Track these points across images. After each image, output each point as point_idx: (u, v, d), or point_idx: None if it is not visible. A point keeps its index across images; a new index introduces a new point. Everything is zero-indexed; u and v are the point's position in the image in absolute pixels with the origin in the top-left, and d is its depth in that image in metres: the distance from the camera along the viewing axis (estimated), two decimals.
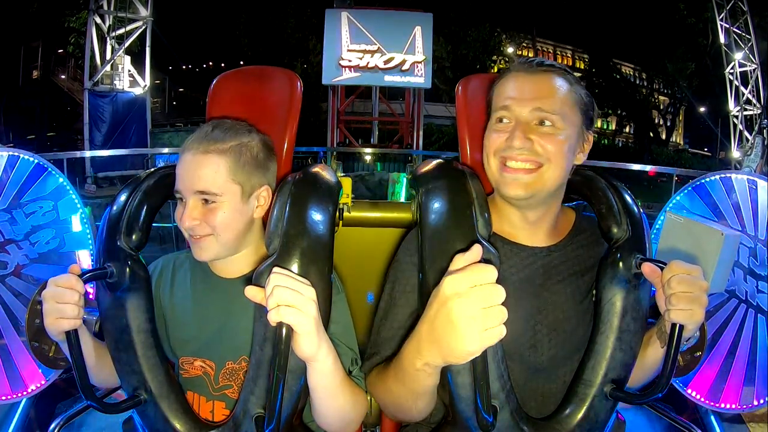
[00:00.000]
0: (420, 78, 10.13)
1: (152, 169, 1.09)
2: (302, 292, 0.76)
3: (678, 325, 0.83)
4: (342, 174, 1.57)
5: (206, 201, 0.96)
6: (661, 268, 0.86)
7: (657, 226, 1.41)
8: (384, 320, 1.01)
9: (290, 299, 0.74)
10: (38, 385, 1.31)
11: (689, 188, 1.42)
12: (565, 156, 0.93)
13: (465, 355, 0.70)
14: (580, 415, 0.91)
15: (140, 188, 1.04)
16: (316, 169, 1.05)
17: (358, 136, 12.07)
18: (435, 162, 1.03)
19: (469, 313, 0.67)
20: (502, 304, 0.68)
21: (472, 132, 1.21)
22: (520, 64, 0.97)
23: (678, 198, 1.44)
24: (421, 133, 10.99)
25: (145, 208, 1.02)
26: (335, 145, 10.61)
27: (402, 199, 5.41)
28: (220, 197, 0.96)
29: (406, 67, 10.04)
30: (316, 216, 0.93)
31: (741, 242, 1.30)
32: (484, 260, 0.83)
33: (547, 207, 0.99)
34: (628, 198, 1.01)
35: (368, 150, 10.98)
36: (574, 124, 0.94)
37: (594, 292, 0.98)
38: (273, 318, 0.74)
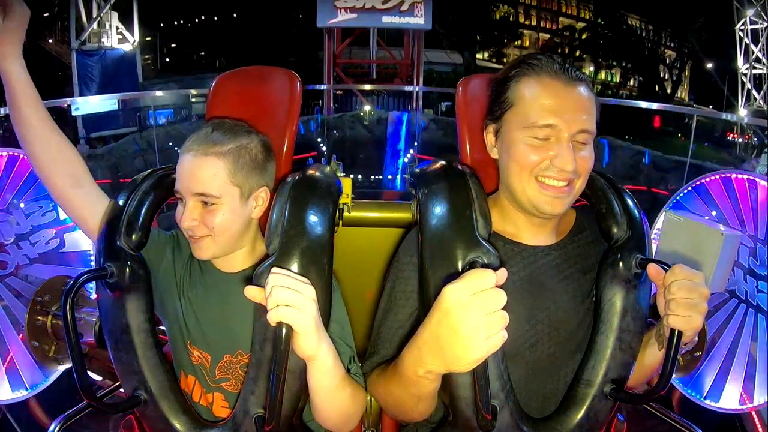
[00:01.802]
0: (420, 19, 9.65)
1: (151, 170, 1.09)
2: (301, 291, 0.76)
3: (677, 330, 0.83)
4: (342, 174, 1.57)
5: (205, 203, 0.96)
6: (664, 268, 0.86)
7: (657, 226, 1.41)
8: (384, 320, 1.02)
9: (289, 299, 0.74)
10: (38, 385, 1.31)
11: (689, 188, 1.42)
12: (590, 170, 0.94)
13: (470, 364, 0.70)
14: (580, 415, 0.91)
15: (140, 188, 1.04)
16: (316, 169, 1.05)
17: (356, 83, 11.39)
18: (435, 162, 1.03)
19: (473, 323, 0.67)
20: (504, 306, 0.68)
21: (472, 132, 1.21)
22: (552, 72, 0.91)
23: (678, 198, 1.44)
24: (421, 78, 10.48)
25: (144, 208, 1.02)
26: (332, 84, 10.10)
27: (403, 139, 5.25)
28: (219, 199, 0.96)
29: (405, 7, 9.58)
30: (316, 216, 0.93)
31: (741, 242, 1.30)
32: (484, 264, 0.84)
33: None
34: (628, 198, 1.01)
35: (367, 87, 10.39)
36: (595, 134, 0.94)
37: (596, 290, 0.98)
38: (272, 318, 0.74)
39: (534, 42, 21.81)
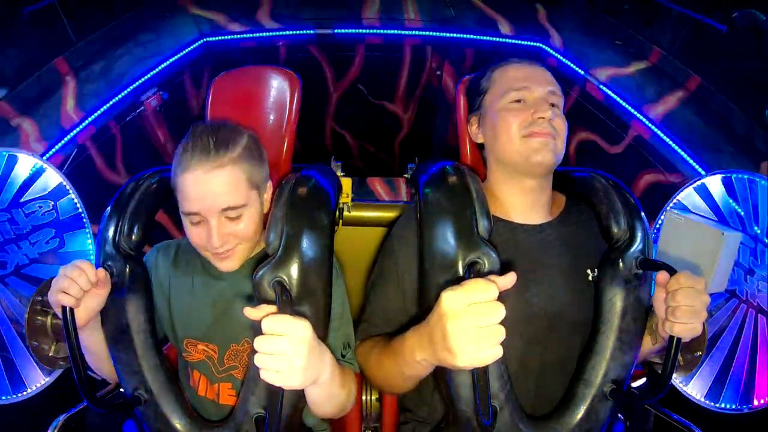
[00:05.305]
0: None
1: (151, 171, 1.09)
2: (286, 351, 0.72)
3: (677, 337, 0.83)
4: (342, 174, 1.58)
5: (231, 216, 0.93)
6: (666, 268, 0.86)
7: (657, 226, 1.41)
8: (373, 291, 1.06)
9: (273, 365, 0.72)
10: (38, 385, 1.31)
11: (689, 188, 1.42)
12: (566, 134, 1.01)
13: (460, 368, 0.71)
14: (580, 415, 0.91)
15: (140, 188, 1.04)
16: (316, 169, 1.05)
17: None
18: (435, 162, 1.03)
19: (464, 333, 0.67)
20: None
21: None
22: (517, 60, 1.07)
23: (678, 197, 1.44)
24: None
25: (144, 208, 1.02)
26: None
27: None
28: (244, 207, 0.94)
29: None
30: (316, 216, 0.93)
31: (741, 242, 1.30)
32: (485, 273, 0.84)
33: (547, 182, 1.04)
34: (628, 198, 1.01)
35: None
36: None
37: (588, 272, 0.99)
38: (262, 377, 0.73)
39: None
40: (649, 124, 2.60)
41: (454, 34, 3.28)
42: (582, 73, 3.00)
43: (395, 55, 3.49)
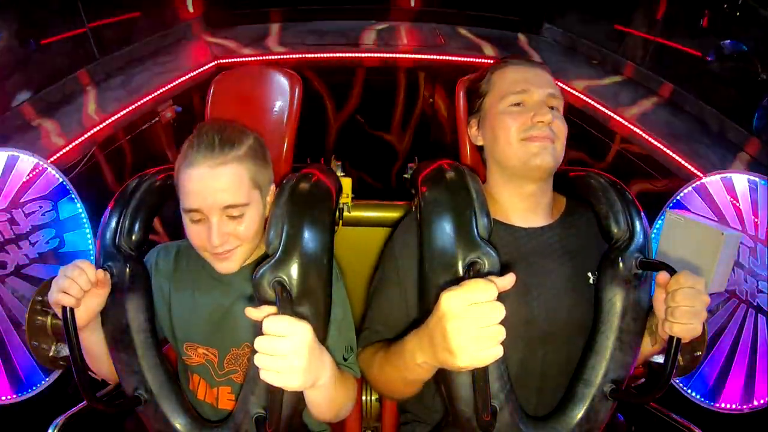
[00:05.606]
0: None
1: (152, 170, 1.09)
2: (286, 352, 0.72)
3: (677, 337, 0.83)
4: (342, 174, 1.59)
5: (233, 215, 0.93)
6: (665, 268, 0.86)
7: (657, 226, 1.41)
8: (375, 297, 1.05)
9: (273, 366, 0.72)
10: (38, 385, 1.31)
11: (689, 188, 1.42)
12: (566, 137, 1.00)
13: (460, 369, 0.71)
14: (580, 415, 0.91)
15: (140, 188, 1.04)
16: (316, 169, 1.05)
17: None
18: (435, 162, 1.03)
19: (464, 334, 0.67)
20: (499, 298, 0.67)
21: None
22: (515, 61, 1.07)
23: (678, 198, 1.44)
24: None
25: (144, 208, 1.02)
26: None
27: None
28: (246, 207, 0.93)
29: None
30: (316, 216, 0.93)
31: (741, 242, 1.30)
32: (484, 273, 0.84)
33: (547, 186, 1.04)
34: (628, 197, 1.01)
35: None
36: None
37: (589, 275, 0.99)
38: (262, 377, 0.73)
39: None
40: (626, 123, 2.85)
41: (443, 57, 3.73)
42: (559, 84, 3.25)
43: (391, 79, 3.87)
